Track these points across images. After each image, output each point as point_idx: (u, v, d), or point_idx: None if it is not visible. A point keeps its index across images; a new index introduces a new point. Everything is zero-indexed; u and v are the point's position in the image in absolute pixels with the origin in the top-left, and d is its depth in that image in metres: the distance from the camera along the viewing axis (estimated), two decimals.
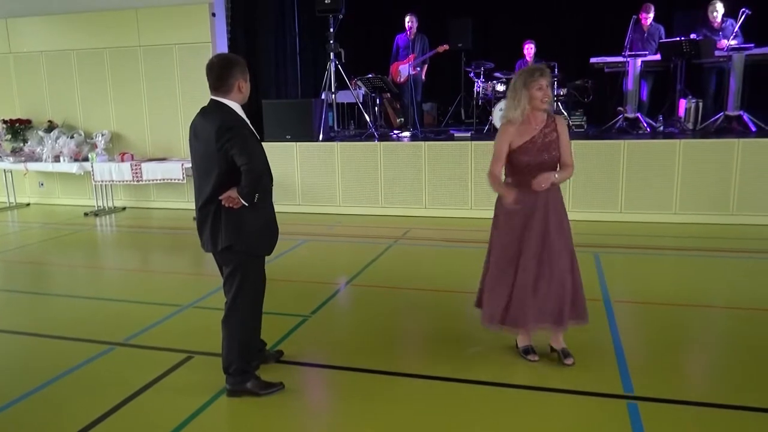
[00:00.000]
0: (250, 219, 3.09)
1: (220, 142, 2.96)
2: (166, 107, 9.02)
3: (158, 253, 6.92)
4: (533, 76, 3.33)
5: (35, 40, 9.41)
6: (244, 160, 2.95)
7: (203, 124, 3.09)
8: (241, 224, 3.08)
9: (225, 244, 3.09)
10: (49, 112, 9.51)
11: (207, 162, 3.06)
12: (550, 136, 3.41)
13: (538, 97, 3.34)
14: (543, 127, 3.42)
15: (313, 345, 3.97)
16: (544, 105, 3.38)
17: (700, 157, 6.92)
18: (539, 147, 3.39)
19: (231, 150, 2.96)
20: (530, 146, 3.39)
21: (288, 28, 10.26)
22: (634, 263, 5.70)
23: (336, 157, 8.09)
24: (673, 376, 3.43)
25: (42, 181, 9.66)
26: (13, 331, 4.28)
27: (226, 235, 3.08)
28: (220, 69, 3.08)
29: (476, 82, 9.51)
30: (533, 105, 3.36)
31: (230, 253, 3.12)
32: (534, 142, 3.39)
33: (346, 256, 6.31)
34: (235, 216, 3.06)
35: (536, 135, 3.40)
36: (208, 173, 3.06)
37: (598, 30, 10.03)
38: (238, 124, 3.04)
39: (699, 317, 4.40)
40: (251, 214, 3.08)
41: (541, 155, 3.39)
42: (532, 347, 3.64)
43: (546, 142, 3.40)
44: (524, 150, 3.39)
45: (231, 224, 3.07)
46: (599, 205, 7.26)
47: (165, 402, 3.20)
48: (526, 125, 3.41)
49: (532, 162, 3.38)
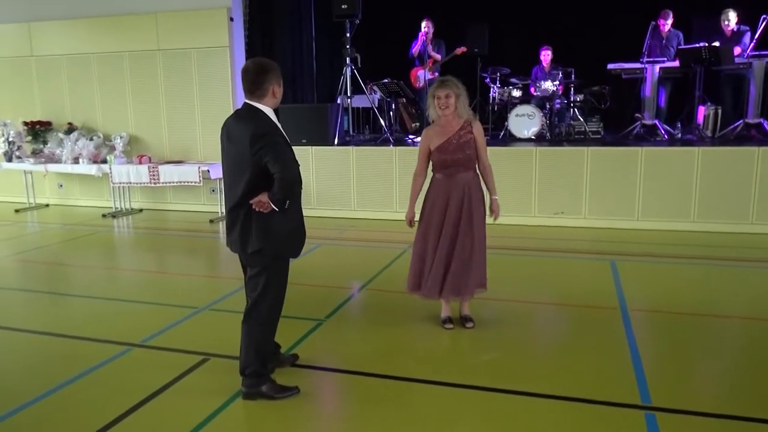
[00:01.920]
0: (280, 223, 3.12)
1: (254, 148, 2.99)
2: (184, 110, 9.11)
3: (175, 255, 6.98)
4: (433, 88, 4.02)
5: (57, 43, 9.55)
6: (277, 169, 2.98)
7: (237, 128, 3.12)
8: (271, 228, 3.11)
9: (255, 248, 3.12)
10: (69, 114, 9.64)
11: (239, 165, 3.09)
12: (465, 137, 4.01)
13: (435, 105, 3.98)
14: (459, 129, 4.01)
15: (328, 349, 3.99)
16: (442, 111, 3.97)
17: (719, 165, 6.85)
18: (454, 147, 4.00)
19: (264, 157, 2.99)
20: (447, 146, 4.01)
21: (305, 33, 10.32)
22: (651, 272, 5.64)
23: (351, 162, 8.11)
24: (692, 387, 3.40)
25: (61, 182, 9.79)
26: (33, 331, 4.34)
27: (256, 239, 3.11)
28: (255, 74, 3.12)
29: (492, 88, 9.49)
30: (438, 111, 3.99)
31: (259, 255, 3.15)
32: (450, 143, 4.00)
33: (361, 260, 6.31)
34: (265, 220, 3.09)
35: (452, 136, 4.01)
36: (239, 176, 3.09)
37: (615, 36, 9.96)
38: (272, 131, 3.07)
39: (718, 327, 4.34)
40: (281, 218, 3.11)
41: (456, 154, 3.99)
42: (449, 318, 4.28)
43: (461, 143, 4.01)
44: (442, 149, 4.01)
45: (261, 228, 3.10)
46: (615, 213, 7.21)
47: (181, 404, 3.22)
48: (443, 128, 4.04)
49: (449, 159, 4.01)
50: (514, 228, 7.29)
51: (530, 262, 6.05)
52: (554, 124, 8.68)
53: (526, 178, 7.45)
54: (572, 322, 4.46)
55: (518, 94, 9.25)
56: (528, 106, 8.58)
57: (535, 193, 7.45)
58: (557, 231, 7.18)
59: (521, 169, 7.44)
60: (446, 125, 4.02)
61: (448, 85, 3.96)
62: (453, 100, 3.94)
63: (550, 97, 8.71)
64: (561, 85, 8.84)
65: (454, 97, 3.94)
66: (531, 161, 7.42)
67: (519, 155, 7.50)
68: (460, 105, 3.98)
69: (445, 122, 4.02)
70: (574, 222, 7.35)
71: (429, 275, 4.12)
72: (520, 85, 9.32)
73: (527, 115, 8.48)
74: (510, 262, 5.93)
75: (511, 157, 7.50)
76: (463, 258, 4.05)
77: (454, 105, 3.95)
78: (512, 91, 9.26)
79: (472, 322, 4.23)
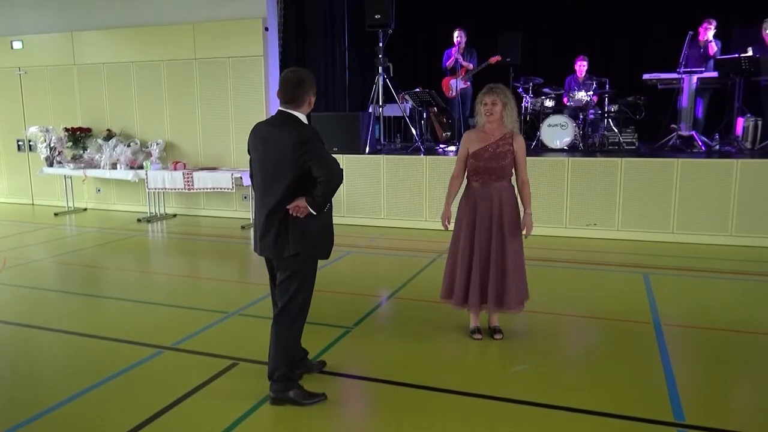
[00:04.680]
0: (314, 226, 3.19)
1: (298, 153, 3.05)
2: (219, 118, 9.27)
3: (206, 259, 7.09)
4: (482, 93, 3.98)
5: (98, 52, 9.85)
6: (323, 172, 3.05)
7: (276, 134, 3.18)
8: (306, 231, 3.17)
9: (292, 252, 3.17)
10: (108, 121, 9.91)
11: (278, 170, 3.14)
12: (503, 148, 3.96)
13: (482, 111, 3.97)
14: (499, 138, 3.97)
15: (356, 357, 3.99)
16: (485, 118, 3.96)
17: (759, 178, 6.67)
18: (490, 155, 3.95)
19: (309, 161, 3.05)
20: (482, 153, 3.96)
21: (338, 43, 10.42)
22: (686, 286, 5.52)
23: (382, 170, 8.14)
24: (727, 405, 3.30)
25: (99, 187, 10.06)
26: (68, 331, 4.45)
27: (293, 243, 3.16)
28: (295, 85, 3.20)
29: (525, 98, 9.42)
30: (483, 117, 3.97)
31: (293, 259, 3.19)
32: (486, 150, 3.96)
33: (390, 268, 6.32)
34: (301, 224, 3.15)
35: (489, 144, 3.96)
36: (277, 181, 3.14)
37: (651, 46, 9.82)
38: (313, 136, 3.14)
39: (755, 344, 4.21)
40: (315, 221, 3.17)
41: (491, 162, 3.95)
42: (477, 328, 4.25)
43: (497, 152, 3.95)
44: (477, 155, 3.98)
45: (297, 232, 3.16)
46: (650, 225, 7.07)
47: (210, 407, 3.26)
48: (484, 134, 4.01)
49: (482, 166, 3.97)
50: (545, 239, 7.21)
51: (561, 273, 5.97)
52: (588, 135, 8.57)
53: (558, 189, 7.37)
54: (603, 335, 4.38)
55: (551, 104, 9.17)
56: (561, 116, 8.50)
57: (567, 204, 7.36)
58: (589, 243, 7.07)
59: (553, 179, 7.37)
60: (489, 132, 3.99)
61: (495, 92, 3.92)
62: (499, 108, 3.91)
63: (583, 107, 8.61)
64: (595, 95, 8.73)
65: (500, 105, 3.91)
66: (563, 172, 7.34)
67: (551, 166, 7.43)
68: (506, 114, 3.93)
69: (488, 129, 3.98)
70: (606, 234, 7.23)
71: (461, 286, 4.09)
72: (553, 95, 9.23)
73: (560, 125, 8.40)
74: (541, 274, 5.86)
75: (544, 167, 7.42)
76: (497, 270, 4.00)
77: (499, 113, 3.92)
78: (545, 101, 9.18)
79: (501, 334, 4.20)
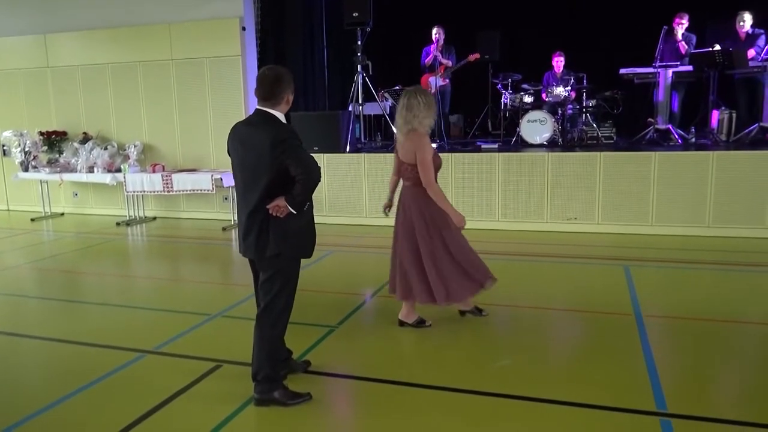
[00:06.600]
0: (296, 225, 3.16)
1: (275, 152, 3.03)
2: (197, 119, 9.19)
3: (188, 262, 7.02)
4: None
5: (72, 54, 9.69)
6: (300, 170, 3.03)
7: (253, 134, 3.15)
8: (288, 231, 3.14)
9: (274, 252, 3.14)
10: (84, 124, 9.76)
11: (257, 171, 3.11)
12: None
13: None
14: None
15: (340, 356, 3.98)
16: None
17: (734, 170, 6.78)
18: None
19: (286, 160, 3.03)
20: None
21: (316, 41, 10.38)
22: (665, 277, 5.59)
23: (363, 169, 8.13)
24: (709, 394, 3.35)
25: (76, 191, 9.90)
26: (48, 338, 4.38)
27: (275, 243, 3.13)
28: (272, 82, 3.17)
29: (503, 94, 9.48)
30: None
31: (276, 259, 3.17)
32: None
33: (373, 267, 6.31)
34: (282, 223, 3.12)
35: None
36: (256, 182, 3.12)
37: (627, 41, 9.92)
38: (291, 135, 3.11)
39: (734, 333, 4.28)
40: (296, 220, 3.15)
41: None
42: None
43: None
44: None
45: (278, 232, 3.13)
46: (630, 218, 7.15)
47: (194, 410, 3.23)
48: None
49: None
50: (526, 234, 7.26)
51: (543, 268, 6.01)
52: (566, 130, 8.65)
53: (538, 184, 7.42)
54: (586, 328, 4.42)
55: (530, 100, 9.23)
56: (540, 112, 8.57)
57: (548, 199, 7.41)
58: (570, 237, 7.13)
59: (533, 174, 7.42)
60: None
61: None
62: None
63: (562, 102, 8.68)
64: (573, 91, 8.81)
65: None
66: (543, 167, 7.39)
67: (531, 161, 7.48)
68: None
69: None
70: (587, 228, 7.30)
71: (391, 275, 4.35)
72: (531, 91, 9.30)
73: (539, 121, 8.46)
74: (522, 268, 5.91)
75: (523, 163, 7.47)
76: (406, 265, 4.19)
77: None
78: (524, 97, 9.24)
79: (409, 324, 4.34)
